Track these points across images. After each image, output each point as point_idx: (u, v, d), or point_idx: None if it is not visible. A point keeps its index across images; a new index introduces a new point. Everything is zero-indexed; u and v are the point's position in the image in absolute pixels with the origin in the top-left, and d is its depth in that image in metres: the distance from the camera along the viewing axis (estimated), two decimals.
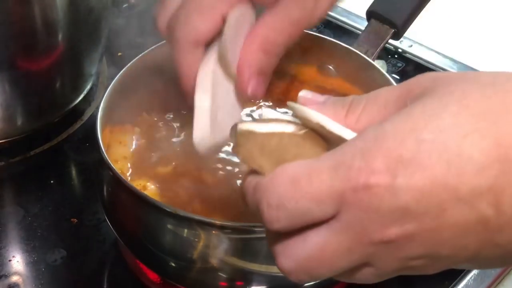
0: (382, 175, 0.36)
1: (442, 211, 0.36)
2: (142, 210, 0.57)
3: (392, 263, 0.39)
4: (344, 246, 0.38)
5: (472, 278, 0.64)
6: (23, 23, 0.70)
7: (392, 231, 0.37)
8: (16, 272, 0.66)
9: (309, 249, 0.39)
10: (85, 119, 0.81)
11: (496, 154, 0.35)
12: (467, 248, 0.37)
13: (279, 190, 0.38)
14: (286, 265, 0.41)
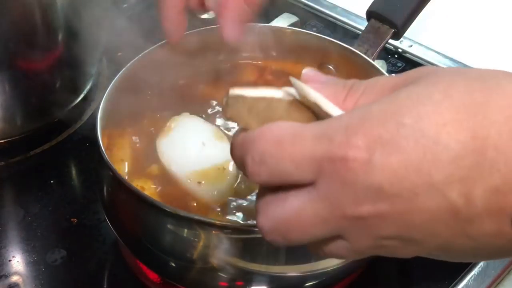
0: (359, 151, 0.37)
1: (414, 195, 0.37)
2: (142, 210, 0.57)
3: (365, 240, 0.40)
4: (319, 214, 0.39)
5: (472, 278, 0.64)
6: (23, 23, 0.70)
7: (365, 208, 0.38)
8: (16, 272, 0.66)
9: (286, 211, 0.40)
10: (85, 119, 0.81)
11: (472, 146, 0.36)
12: (439, 235, 0.38)
13: (263, 147, 0.39)
14: (264, 224, 0.42)
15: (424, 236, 0.38)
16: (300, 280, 0.58)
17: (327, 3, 0.98)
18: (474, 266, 0.65)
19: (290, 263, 0.56)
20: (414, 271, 0.66)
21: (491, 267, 0.65)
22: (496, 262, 0.66)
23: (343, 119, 0.39)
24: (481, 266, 0.65)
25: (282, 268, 0.56)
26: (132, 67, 0.66)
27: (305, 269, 0.57)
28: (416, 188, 0.37)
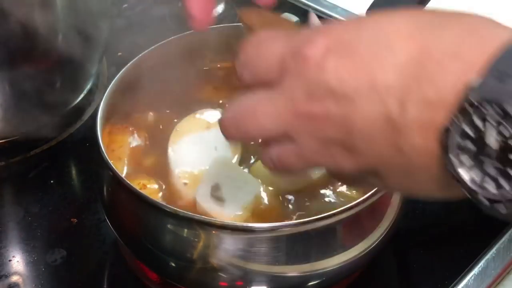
0: (318, 49, 0.40)
1: (358, 97, 0.39)
2: (142, 210, 0.57)
3: (312, 142, 0.41)
4: (274, 108, 0.41)
5: (472, 278, 0.64)
6: (23, 23, 0.70)
7: (314, 105, 0.40)
8: (16, 272, 0.66)
9: (245, 104, 0.43)
10: (85, 119, 0.81)
11: (417, 57, 0.38)
12: (375, 145, 0.39)
13: (247, 50, 0.44)
14: (223, 116, 0.44)
15: (362, 143, 0.40)
16: (300, 280, 0.58)
17: (327, 3, 0.98)
18: (474, 266, 0.65)
19: (290, 263, 0.56)
20: (414, 271, 0.67)
21: (491, 267, 0.65)
22: (496, 262, 0.66)
23: (319, 27, 0.43)
24: (481, 266, 0.65)
25: (282, 268, 0.56)
26: (132, 67, 0.66)
27: (305, 269, 0.57)
28: (360, 89, 0.39)
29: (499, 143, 0.36)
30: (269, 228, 0.55)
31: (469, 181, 0.38)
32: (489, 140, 0.36)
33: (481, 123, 0.36)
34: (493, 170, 0.37)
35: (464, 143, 0.37)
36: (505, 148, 0.36)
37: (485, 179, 0.37)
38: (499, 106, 0.35)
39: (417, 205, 0.71)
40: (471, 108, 0.36)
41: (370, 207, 0.56)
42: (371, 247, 0.58)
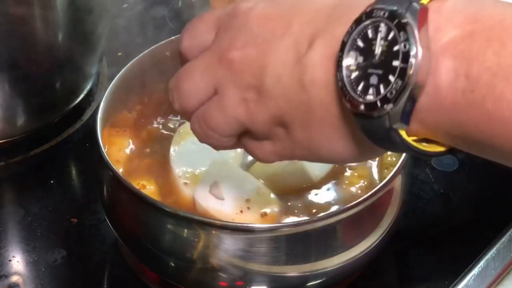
0: (249, 3, 0.44)
1: (273, 37, 0.42)
2: (142, 210, 0.57)
3: (232, 91, 0.43)
4: (202, 62, 0.45)
5: (472, 278, 0.64)
6: (23, 23, 0.70)
7: (236, 52, 0.43)
8: (16, 272, 0.66)
9: (186, 66, 0.46)
10: (85, 119, 0.81)
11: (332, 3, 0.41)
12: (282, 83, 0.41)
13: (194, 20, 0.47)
14: (170, 83, 0.47)
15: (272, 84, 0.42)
16: (300, 280, 0.58)
17: None
18: (474, 266, 0.65)
19: (290, 263, 0.56)
20: (414, 271, 0.67)
21: (491, 267, 0.65)
22: (496, 262, 0.66)
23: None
24: (481, 266, 0.65)
25: (282, 268, 0.56)
26: (132, 67, 0.66)
27: (305, 269, 0.57)
28: (276, 31, 0.42)
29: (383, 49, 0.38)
30: (269, 228, 0.55)
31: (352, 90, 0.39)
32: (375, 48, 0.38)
33: (371, 32, 0.38)
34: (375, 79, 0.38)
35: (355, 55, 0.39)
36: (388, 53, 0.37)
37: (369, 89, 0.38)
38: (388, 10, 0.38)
39: (417, 205, 0.71)
40: (365, 16, 0.38)
41: (370, 207, 0.56)
42: (371, 247, 0.58)
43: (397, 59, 0.37)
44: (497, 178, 0.74)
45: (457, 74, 0.36)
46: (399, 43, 0.37)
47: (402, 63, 0.37)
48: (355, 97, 0.39)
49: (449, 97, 0.36)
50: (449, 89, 0.36)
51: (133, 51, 0.68)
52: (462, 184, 0.74)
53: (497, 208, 0.71)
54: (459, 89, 0.36)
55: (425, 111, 0.37)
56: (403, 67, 0.37)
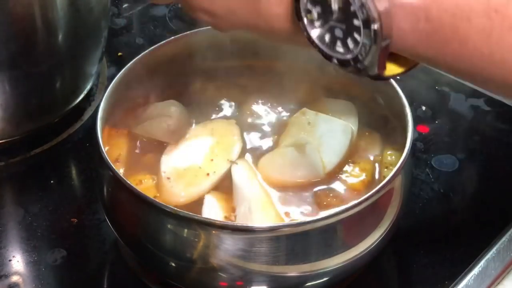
0: None
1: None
2: (142, 210, 0.57)
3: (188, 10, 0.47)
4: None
5: (472, 278, 0.64)
6: (23, 23, 0.70)
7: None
8: (16, 272, 0.66)
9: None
10: (85, 119, 0.81)
11: None
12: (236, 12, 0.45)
13: None
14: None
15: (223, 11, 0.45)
16: (300, 280, 0.58)
17: None
18: (474, 266, 0.65)
19: (290, 263, 0.56)
20: (414, 271, 0.66)
21: (491, 267, 0.65)
22: (496, 262, 0.66)
23: None
24: (481, 266, 0.65)
25: (282, 268, 0.56)
26: (132, 67, 0.66)
27: (305, 269, 0.57)
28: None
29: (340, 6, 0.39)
30: (269, 228, 0.55)
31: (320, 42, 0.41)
32: (333, 5, 0.40)
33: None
34: (340, 33, 0.40)
35: (313, 8, 0.41)
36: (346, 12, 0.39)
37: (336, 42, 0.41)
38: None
39: (417, 205, 0.71)
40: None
41: (370, 207, 0.56)
42: (371, 247, 0.58)
43: (357, 19, 0.39)
44: (497, 178, 0.74)
45: (418, 18, 0.38)
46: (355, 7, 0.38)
47: (365, 28, 0.38)
48: (325, 50, 0.41)
49: (414, 38, 0.39)
50: (413, 31, 0.38)
51: (133, 51, 0.68)
52: (462, 184, 0.74)
53: (497, 208, 0.71)
54: (423, 31, 0.38)
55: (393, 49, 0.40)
56: (367, 33, 0.38)
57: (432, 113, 0.81)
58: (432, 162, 0.75)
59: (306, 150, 0.62)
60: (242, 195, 0.60)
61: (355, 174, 0.63)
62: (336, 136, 0.64)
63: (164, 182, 0.62)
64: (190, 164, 0.63)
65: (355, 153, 0.65)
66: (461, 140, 0.78)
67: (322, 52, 0.42)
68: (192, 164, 0.63)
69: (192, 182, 0.62)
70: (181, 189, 0.61)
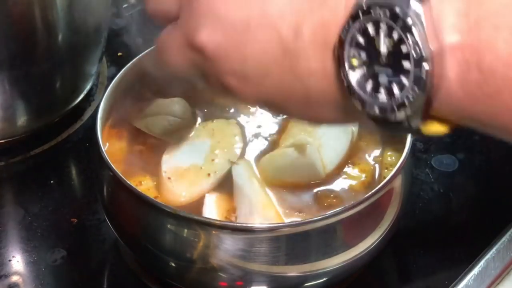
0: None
1: (247, 27, 0.39)
2: (142, 210, 0.57)
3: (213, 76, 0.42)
4: (176, 42, 0.43)
5: (472, 278, 0.64)
6: (23, 23, 0.70)
7: (203, 36, 0.41)
8: (16, 272, 0.66)
9: (159, 39, 0.46)
10: (85, 119, 0.81)
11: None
12: (270, 72, 0.39)
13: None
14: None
15: (256, 72, 0.40)
16: (300, 281, 0.58)
17: None
18: (474, 266, 0.65)
19: (290, 263, 0.56)
20: (414, 271, 0.67)
21: (491, 267, 0.65)
22: (496, 262, 0.66)
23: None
24: (481, 266, 0.65)
25: (282, 268, 0.56)
26: (132, 67, 0.66)
27: (305, 269, 0.57)
28: (250, 21, 0.39)
29: (389, 48, 0.36)
30: (269, 228, 0.55)
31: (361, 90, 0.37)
32: (380, 46, 0.36)
33: (372, 29, 0.36)
34: (385, 78, 0.36)
35: (357, 54, 0.37)
36: (396, 54, 0.36)
37: (379, 88, 0.37)
38: (388, 7, 0.35)
39: (417, 205, 0.71)
40: (362, 13, 0.36)
41: (370, 207, 0.56)
42: (371, 247, 0.58)
43: (408, 60, 0.35)
44: (497, 178, 0.74)
45: (469, 67, 0.35)
46: (408, 46, 0.35)
47: (416, 68, 0.35)
48: (365, 98, 0.37)
49: (462, 90, 0.35)
50: (462, 82, 0.35)
51: (133, 51, 0.68)
52: (462, 184, 0.74)
53: (497, 208, 0.71)
54: (473, 82, 0.35)
55: (439, 103, 0.36)
56: (417, 74, 0.35)
57: None
58: (432, 162, 0.75)
59: (307, 151, 0.62)
60: (242, 195, 0.60)
61: (355, 175, 0.63)
62: (336, 136, 0.64)
63: (165, 182, 0.62)
64: (191, 164, 0.63)
65: (355, 153, 0.65)
66: (461, 140, 0.78)
67: (361, 101, 0.37)
68: (193, 164, 0.63)
69: (193, 182, 0.62)
70: (182, 189, 0.61)
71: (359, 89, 0.37)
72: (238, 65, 0.40)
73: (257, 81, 0.40)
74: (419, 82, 0.35)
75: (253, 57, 0.39)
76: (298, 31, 0.38)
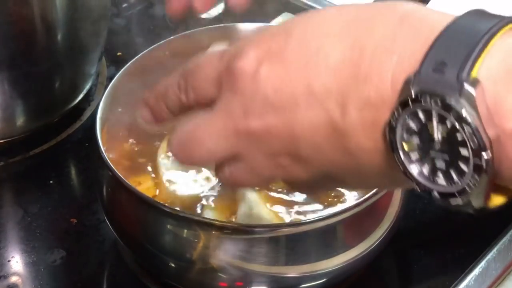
0: (249, 61, 0.39)
1: (296, 106, 0.38)
2: (141, 210, 0.57)
3: (260, 158, 0.41)
4: (215, 128, 0.41)
5: (473, 278, 0.64)
6: (23, 23, 0.70)
7: (253, 121, 0.39)
8: (15, 273, 0.66)
9: (187, 129, 0.43)
10: (84, 119, 0.81)
11: (349, 56, 0.37)
12: (321, 150, 0.39)
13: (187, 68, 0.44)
14: (171, 142, 0.44)
15: (309, 151, 0.39)
16: (299, 281, 0.58)
17: (327, 2, 0.98)
18: (475, 266, 0.65)
19: (290, 263, 0.56)
20: (414, 271, 0.66)
21: (491, 268, 0.65)
22: (497, 262, 0.65)
23: (246, 40, 0.41)
24: (482, 266, 0.65)
25: (282, 268, 0.56)
26: (132, 67, 0.65)
27: (305, 270, 0.57)
28: (297, 98, 0.38)
29: (443, 135, 0.35)
30: (269, 228, 0.55)
31: (418, 175, 0.37)
32: (434, 133, 0.35)
33: (424, 116, 0.35)
34: (442, 163, 0.36)
35: (409, 138, 0.36)
36: (451, 140, 0.35)
37: (436, 173, 0.36)
38: (439, 97, 0.34)
39: (417, 205, 0.71)
40: (412, 101, 0.35)
41: (370, 207, 0.56)
42: (371, 247, 0.58)
43: (465, 147, 0.34)
44: None
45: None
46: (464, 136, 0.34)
47: (474, 157, 0.34)
48: (425, 184, 0.36)
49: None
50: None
51: (133, 51, 0.68)
52: None
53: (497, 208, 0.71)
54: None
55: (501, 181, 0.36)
56: (477, 162, 0.34)
57: None
58: None
59: None
60: (242, 196, 0.60)
61: None
62: None
63: (164, 184, 0.61)
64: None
65: None
66: None
67: (420, 186, 0.37)
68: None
69: (192, 185, 0.61)
70: (182, 191, 0.61)
71: (418, 176, 0.37)
72: (289, 145, 0.39)
73: (310, 160, 0.39)
74: (479, 169, 0.34)
75: (304, 134, 0.38)
76: (344, 109, 0.37)
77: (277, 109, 0.39)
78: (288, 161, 0.40)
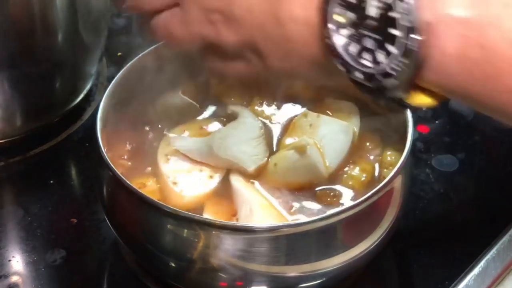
0: None
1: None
2: (142, 210, 0.57)
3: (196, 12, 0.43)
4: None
5: (473, 278, 0.64)
6: (23, 23, 0.70)
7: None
8: (16, 272, 0.66)
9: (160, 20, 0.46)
10: (85, 119, 0.81)
11: None
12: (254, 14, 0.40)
13: None
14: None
15: (242, 11, 0.40)
16: (299, 281, 0.58)
17: None
18: (474, 266, 0.65)
19: (290, 263, 0.56)
20: (414, 271, 0.67)
21: (491, 267, 0.65)
22: (497, 262, 0.66)
23: None
24: (481, 266, 0.65)
25: (282, 268, 0.56)
26: (132, 67, 0.66)
27: (305, 270, 0.57)
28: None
29: (379, 12, 0.34)
30: (269, 228, 0.55)
31: (343, 49, 0.36)
32: (369, 10, 0.35)
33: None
34: (371, 43, 0.35)
35: (344, 12, 0.36)
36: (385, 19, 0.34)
37: (363, 53, 0.36)
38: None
39: (417, 205, 0.71)
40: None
41: (370, 207, 0.56)
42: (371, 247, 0.58)
43: (395, 28, 0.33)
44: (497, 178, 0.74)
45: (470, 43, 0.33)
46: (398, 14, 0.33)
47: (405, 37, 0.33)
48: (349, 62, 0.36)
49: (459, 66, 0.33)
50: (460, 57, 0.33)
51: (133, 51, 0.68)
52: (462, 184, 0.74)
53: (497, 208, 0.71)
54: (472, 59, 0.33)
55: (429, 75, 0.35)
56: (405, 42, 0.33)
57: (432, 113, 0.81)
58: (432, 162, 0.75)
59: (307, 152, 0.62)
60: (242, 197, 0.60)
61: (355, 175, 0.63)
62: (337, 137, 0.64)
63: (166, 184, 0.62)
64: (192, 166, 0.63)
65: (355, 153, 0.64)
66: (462, 140, 0.78)
67: (344, 64, 0.36)
68: (195, 166, 0.63)
69: (194, 185, 0.62)
70: (183, 191, 0.61)
71: (343, 51, 0.36)
72: (225, 4, 0.42)
73: (240, 19, 0.41)
74: (408, 52, 0.33)
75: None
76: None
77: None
78: (221, 18, 0.42)
